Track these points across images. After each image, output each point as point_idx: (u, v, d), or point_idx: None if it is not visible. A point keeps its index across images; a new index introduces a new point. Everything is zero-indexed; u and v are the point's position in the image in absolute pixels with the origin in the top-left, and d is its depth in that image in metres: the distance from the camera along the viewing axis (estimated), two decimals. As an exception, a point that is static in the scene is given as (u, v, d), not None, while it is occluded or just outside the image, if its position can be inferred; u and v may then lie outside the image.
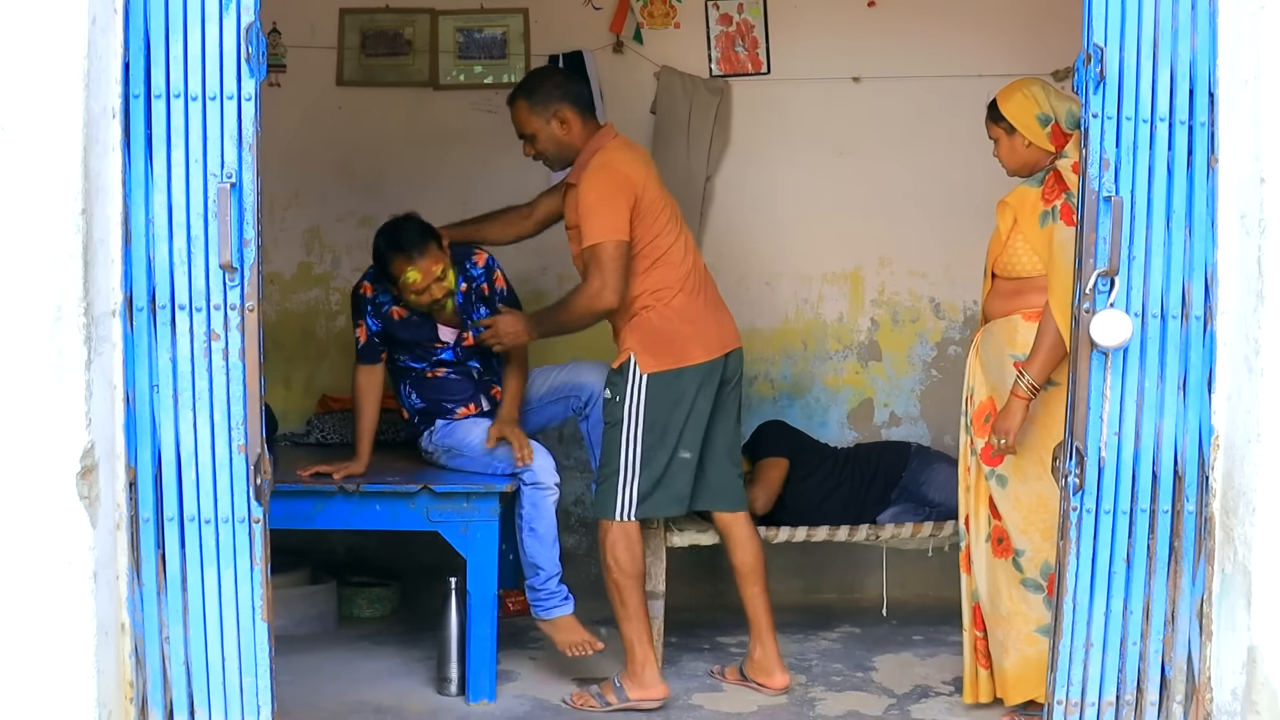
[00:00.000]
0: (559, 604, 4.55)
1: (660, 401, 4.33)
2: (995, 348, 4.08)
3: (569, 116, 4.41)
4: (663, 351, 4.34)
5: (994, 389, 4.08)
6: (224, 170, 3.09)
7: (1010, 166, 4.12)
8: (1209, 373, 3.20)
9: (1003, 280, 4.09)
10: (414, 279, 4.53)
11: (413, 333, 4.68)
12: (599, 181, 4.31)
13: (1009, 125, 4.07)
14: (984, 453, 4.10)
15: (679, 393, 4.34)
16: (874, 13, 5.67)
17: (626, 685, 4.35)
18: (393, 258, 4.55)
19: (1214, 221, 3.18)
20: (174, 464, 3.15)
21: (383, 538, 5.52)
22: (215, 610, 3.17)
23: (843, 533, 4.80)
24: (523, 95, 4.47)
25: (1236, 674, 3.14)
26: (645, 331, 4.35)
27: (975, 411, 4.15)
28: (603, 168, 4.33)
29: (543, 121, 4.43)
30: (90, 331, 2.98)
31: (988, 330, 4.15)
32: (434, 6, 5.68)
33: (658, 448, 4.33)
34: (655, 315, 4.36)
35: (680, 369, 4.34)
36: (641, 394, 4.33)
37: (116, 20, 3.06)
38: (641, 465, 4.33)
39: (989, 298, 4.17)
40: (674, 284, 4.39)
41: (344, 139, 5.72)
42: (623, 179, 4.32)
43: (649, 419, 4.33)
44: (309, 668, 4.66)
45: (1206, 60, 3.18)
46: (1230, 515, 3.15)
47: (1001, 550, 4.10)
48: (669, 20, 5.71)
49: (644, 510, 4.36)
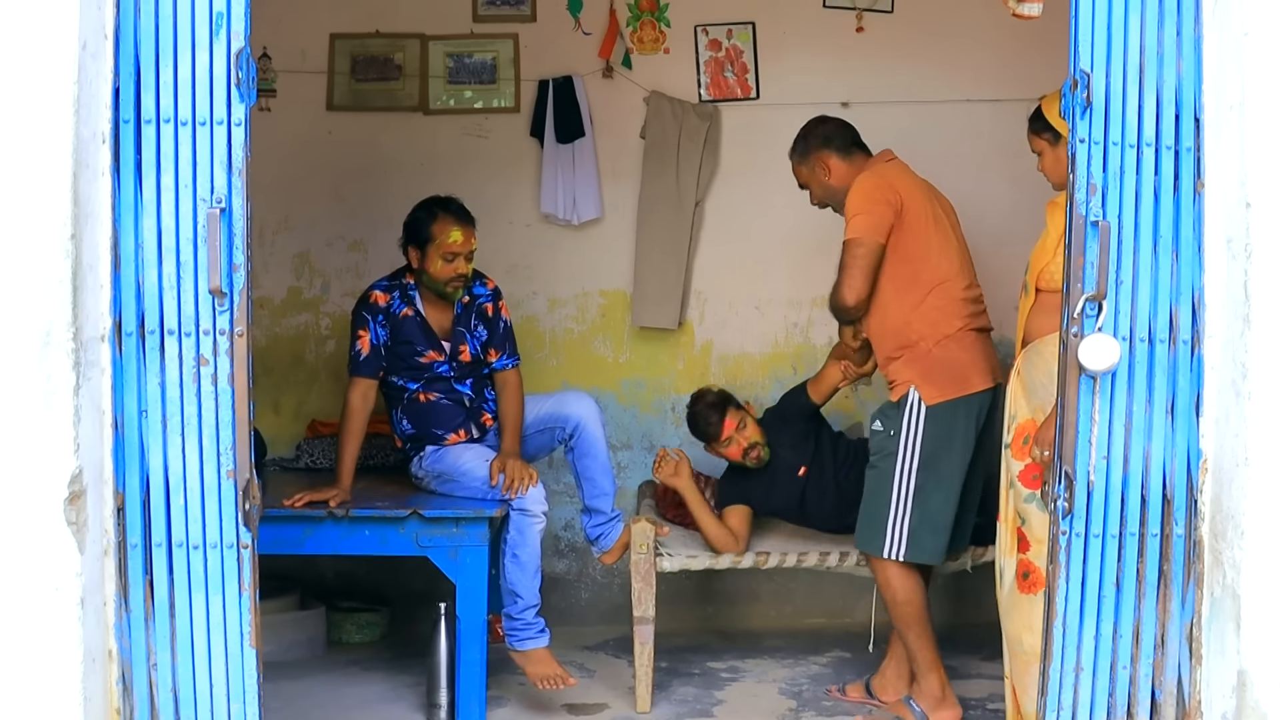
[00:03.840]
0: (534, 636, 4.55)
1: (937, 436, 4.27)
2: (1043, 369, 3.78)
3: (831, 163, 4.54)
4: (945, 381, 4.29)
5: (1037, 410, 3.82)
6: (214, 195, 3.09)
7: (1056, 180, 3.89)
8: (1197, 397, 3.21)
9: (1048, 295, 3.77)
10: (457, 238, 4.63)
11: (415, 335, 4.68)
12: (861, 185, 4.40)
13: (1054, 134, 3.83)
14: (1023, 475, 3.83)
15: (953, 426, 4.28)
16: (862, 38, 5.70)
17: (923, 705, 4.38)
18: (440, 216, 4.66)
19: (1200, 246, 3.19)
20: (162, 489, 3.13)
21: (372, 563, 5.50)
22: (203, 636, 3.16)
23: (833, 559, 4.80)
24: (792, 152, 4.65)
25: (1226, 698, 3.13)
26: (926, 363, 4.31)
27: (1015, 432, 3.89)
28: (871, 174, 4.43)
29: (809, 171, 4.60)
30: (79, 356, 2.97)
31: (1033, 351, 3.86)
32: (424, 31, 5.70)
33: (930, 487, 4.28)
34: (936, 348, 4.32)
35: (959, 399, 4.28)
36: (919, 427, 4.28)
37: (107, 45, 3.06)
38: (914, 504, 4.28)
39: (1032, 314, 3.87)
40: (953, 314, 4.34)
41: (334, 164, 5.73)
42: (885, 185, 4.36)
43: (925, 454, 4.28)
44: (298, 694, 4.64)
45: (1192, 86, 3.19)
46: (1219, 539, 3.15)
47: (1028, 585, 3.81)
48: (658, 46, 5.74)
49: (913, 554, 4.30)
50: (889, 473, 4.30)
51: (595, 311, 5.83)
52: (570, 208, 5.70)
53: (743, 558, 4.78)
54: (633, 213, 5.76)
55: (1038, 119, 3.91)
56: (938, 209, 4.45)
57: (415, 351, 4.72)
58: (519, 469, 4.51)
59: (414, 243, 4.69)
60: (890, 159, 4.54)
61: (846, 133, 4.61)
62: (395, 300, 4.71)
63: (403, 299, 4.72)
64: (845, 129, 4.62)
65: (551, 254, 5.79)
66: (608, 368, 5.82)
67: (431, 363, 4.74)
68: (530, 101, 5.71)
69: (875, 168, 4.48)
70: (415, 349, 4.71)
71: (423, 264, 4.67)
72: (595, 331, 5.83)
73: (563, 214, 5.70)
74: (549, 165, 5.68)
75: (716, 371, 5.81)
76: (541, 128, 5.68)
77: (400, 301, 4.71)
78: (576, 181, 5.69)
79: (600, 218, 5.76)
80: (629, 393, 5.81)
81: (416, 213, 4.72)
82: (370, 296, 4.72)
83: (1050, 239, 3.79)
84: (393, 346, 4.70)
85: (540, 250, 5.78)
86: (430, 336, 4.73)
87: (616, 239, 5.78)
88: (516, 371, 4.84)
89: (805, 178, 4.64)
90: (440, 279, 4.66)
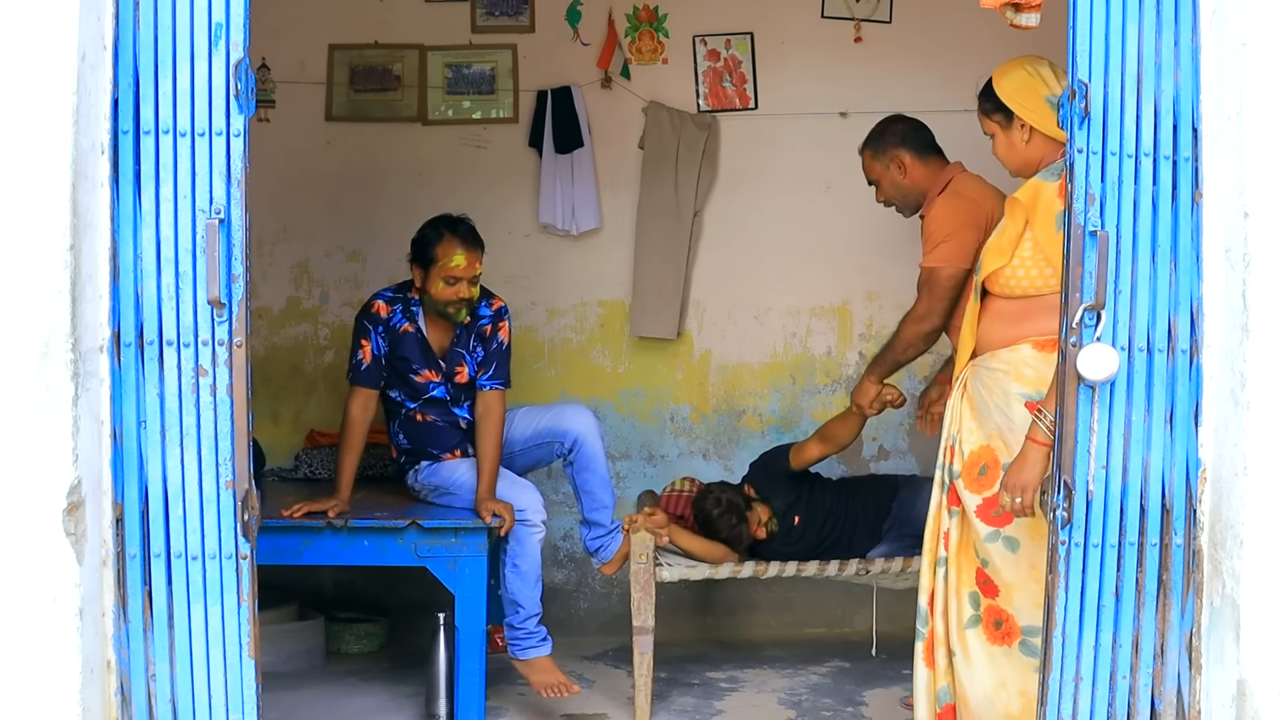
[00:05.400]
0: (536, 644, 4.54)
1: None
2: (996, 386, 3.43)
3: (907, 161, 4.53)
4: None
5: (993, 435, 3.44)
6: (212, 206, 3.09)
7: (1012, 166, 3.53)
8: (1195, 406, 3.21)
9: (1002, 300, 3.44)
10: (460, 262, 4.56)
11: (413, 353, 4.66)
12: (946, 207, 4.36)
13: (1006, 114, 3.48)
14: (981, 510, 3.43)
15: None
16: (860, 48, 5.71)
17: None
18: (446, 238, 4.58)
19: (1199, 256, 3.20)
20: (161, 500, 3.13)
21: (371, 573, 5.50)
22: (202, 647, 3.15)
23: (832, 568, 4.79)
24: (866, 145, 4.63)
25: (1226, 707, 3.13)
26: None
27: (966, 463, 3.47)
28: (954, 194, 4.39)
29: (883, 167, 4.58)
30: (78, 367, 2.97)
31: (983, 366, 3.47)
32: (423, 42, 5.71)
33: None
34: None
35: None
36: None
37: (106, 56, 3.07)
38: None
39: (984, 321, 3.48)
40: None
41: (333, 174, 5.74)
42: (973, 206, 4.32)
43: None
44: (296, 704, 4.64)
45: (1190, 96, 3.20)
46: (1218, 548, 3.15)
47: (1002, 635, 3.41)
48: (657, 56, 5.75)
49: None
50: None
51: (594, 321, 5.83)
52: (569, 218, 5.70)
53: (742, 567, 4.78)
54: (631, 223, 5.76)
55: (988, 97, 3.52)
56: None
57: (411, 369, 4.69)
58: (498, 509, 4.43)
59: (418, 261, 4.64)
60: (963, 171, 4.51)
61: (924, 134, 4.60)
62: (397, 313, 4.68)
63: (405, 314, 4.68)
64: (922, 130, 4.61)
65: (550, 264, 5.79)
66: (606, 378, 5.82)
67: (427, 383, 4.70)
68: (529, 112, 5.72)
69: (960, 184, 4.42)
70: (411, 366, 4.68)
71: (425, 284, 4.62)
72: (594, 341, 5.83)
73: (561, 224, 5.71)
74: (547, 175, 5.69)
75: (715, 381, 5.82)
76: (540, 138, 5.69)
77: (402, 316, 4.68)
78: (575, 191, 5.70)
79: (599, 228, 5.76)
80: (628, 403, 5.81)
81: (425, 230, 4.66)
82: (373, 306, 4.70)
83: (1006, 236, 3.44)
84: (390, 361, 4.68)
85: (539, 260, 5.78)
86: (428, 355, 4.69)
87: (615, 249, 5.79)
88: (500, 397, 4.69)
89: (878, 174, 4.61)
90: (441, 301, 4.61)
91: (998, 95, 3.51)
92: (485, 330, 4.73)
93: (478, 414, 4.68)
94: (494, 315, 4.75)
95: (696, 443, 5.83)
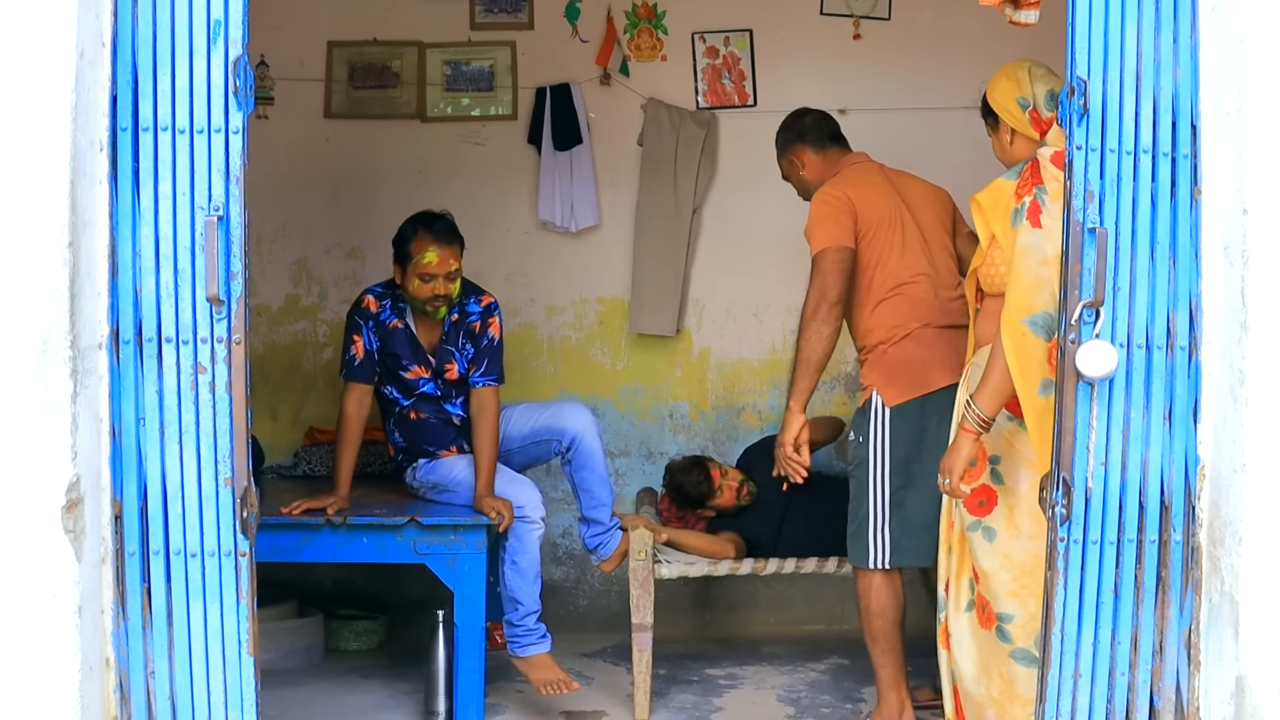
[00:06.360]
0: (535, 642, 4.54)
1: (904, 438, 4.20)
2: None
3: (805, 158, 4.55)
4: (905, 381, 4.22)
5: None
6: (211, 203, 3.09)
7: (1007, 165, 3.72)
8: (1194, 403, 3.21)
9: (990, 298, 3.62)
10: (431, 260, 4.53)
11: (402, 349, 4.65)
12: (817, 197, 4.39)
13: (994, 119, 3.70)
14: (969, 501, 3.65)
15: (921, 425, 4.18)
16: (860, 45, 5.71)
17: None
18: (419, 234, 4.56)
19: (1198, 252, 3.20)
20: (160, 497, 3.13)
21: (370, 570, 5.50)
22: (201, 644, 3.15)
23: (831, 565, 4.79)
24: (776, 144, 4.65)
25: (1225, 704, 3.13)
26: (885, 365, 4.26)
27: None
28: (830, 185, 4.40)
29: (787, 164, 4.61)
30: (76, 364, 2.97)
31: (974, 361, 3.71)
32: (422, 39, 5.71)
33: (906, 489, 4.21)
34: (894, 348, 4.27)
35: (924, 396, 4.18)
36: (885, 431, 4.21)
37: (104, 54, 3.06)
38: (891, 509, 4.22)
39: (979, 320, 3.69)
40: (911, 314, 4.29)
41: (332, 171, 5.74)
42: (838, 197, 4.33)
43: (895, 458, 4.20)
44: (296, 702, 4.64)
45: (1189, 93, 3.20)
46: (1217, 545, 3.15)
47: (986, 620, 3.59)
48: (656, 53, 5.75)
49: (899, 559, 4.23)
50: (864, 481, 4.25)
51: (593, 319, 5.83)
52: (568, 215, 5.70)
53: (741, 564, 4.78)
54: (630, 220, 5.76)
55: (983, 101, 3.77)
56: (903, 210, 4.38)
57: (401, 365, 4.68)
58: (497, 506, 4.44)
59: (396, 258, 4.63)
60: (858, 162, 4.50)
61: (823, 127, 4.59)
62: (386, 309, 4.67)
63: (394, 309, 4.67)
64: (823, 123, 4.60)
65: (549, 261, 5.79)
66: (605, 375, 5.82)
67: (417, 379, 4.69)
68: (528, 109, 5.72)
69: (835, 178, 4.43)
70: (401, 362, 4.67)
71: (403, 281, 4.60)
72: (593, 339, 5.83)
73: (560, 221, 5.71)
74: (546, 172, 5.69)
75: (714, 378, 5.82)
76: (539, 135, 5.69)
77: (391, 312, 4.67)
78: (574, 189, 5.70)
79: (598, 225, 5.76)
80: (627, 400, 5.81)
81: (402, 227, 4.65)
82: (363, 301, 4.69)
83: (981, 236, 3.65)
84: (381, 357, 4.68)
85: (538, 258, 5.78)
86: (417, 351, 4.68)
87: (614, 246, 5.79)
88: (494, 393, 4.66)
89: (786, 171, 4.65)
90: (418, 298, 4.58)
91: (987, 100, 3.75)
92: (474, 327, 4.71)
93: (472, 411, 4.67)
94: (483, 311, 4.71)
95: (695, 440, 5.82)
